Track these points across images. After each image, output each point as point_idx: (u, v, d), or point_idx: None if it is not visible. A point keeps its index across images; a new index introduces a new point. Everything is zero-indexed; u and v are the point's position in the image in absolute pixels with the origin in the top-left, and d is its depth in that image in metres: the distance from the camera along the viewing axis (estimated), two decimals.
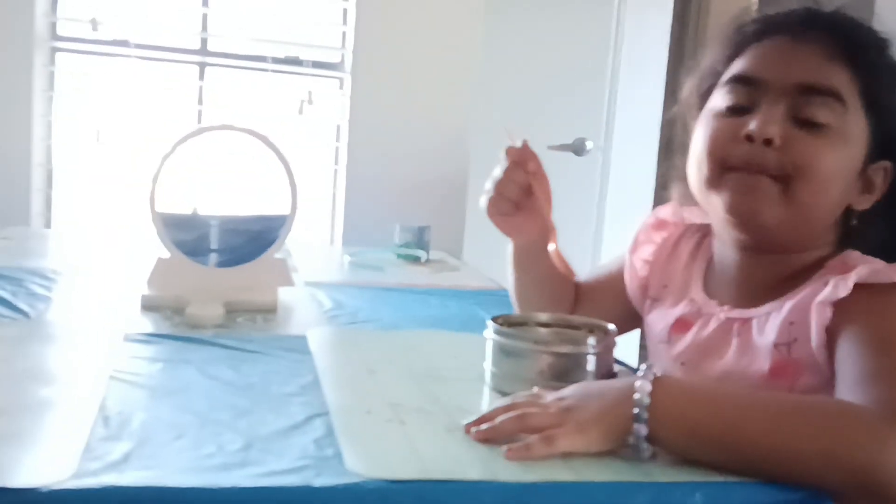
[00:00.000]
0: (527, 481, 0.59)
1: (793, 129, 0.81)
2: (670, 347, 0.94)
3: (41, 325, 1.05)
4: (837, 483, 0.61)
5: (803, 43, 0.84)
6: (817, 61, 0.82)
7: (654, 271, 1.02)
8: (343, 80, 2.73)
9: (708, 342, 0.89)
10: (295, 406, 0.75)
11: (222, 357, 0.91)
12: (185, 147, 1.22)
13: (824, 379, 0.78)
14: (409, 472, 0.60)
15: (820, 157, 0.80)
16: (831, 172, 0.81)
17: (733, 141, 0.83)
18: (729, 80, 0.87)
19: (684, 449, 0.65)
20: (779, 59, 0.84)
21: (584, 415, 0.67)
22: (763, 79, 0.84)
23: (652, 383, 0.66)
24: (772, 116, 0.81)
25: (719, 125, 0.85)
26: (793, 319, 0.81)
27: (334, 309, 1.26)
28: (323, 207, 2.79)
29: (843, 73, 0.82)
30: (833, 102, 0.81)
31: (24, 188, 2.50)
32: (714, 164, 0.85)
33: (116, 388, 0.77)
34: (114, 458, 0.59)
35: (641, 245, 1.04)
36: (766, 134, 0.80)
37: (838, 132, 0.81)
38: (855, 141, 0.83)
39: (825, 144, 0.81)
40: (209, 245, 1.26)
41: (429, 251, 1.95)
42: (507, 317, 0.90)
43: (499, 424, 0.68)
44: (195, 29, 2.66)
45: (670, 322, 0.95)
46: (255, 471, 0.58)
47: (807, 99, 0.81)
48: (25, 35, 2.46)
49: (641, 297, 1.03)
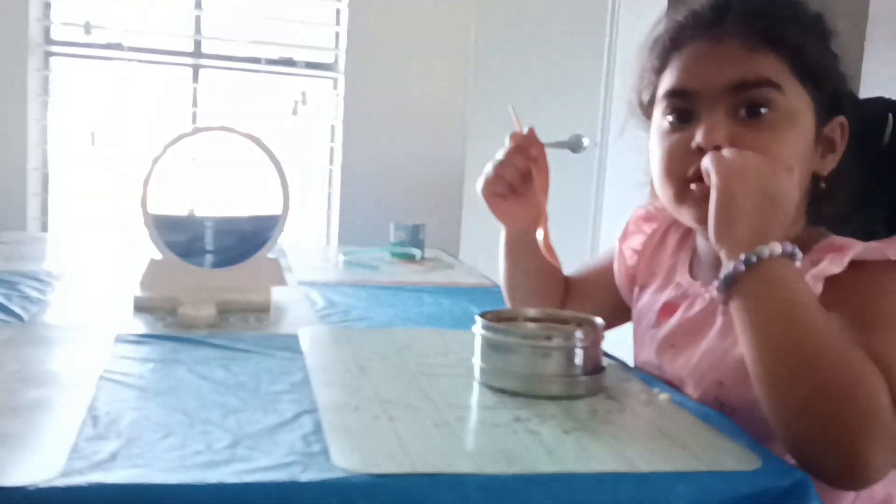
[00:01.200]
0: (512, 473, 0.60)
1: (738, 128, 0.82)
2: (658, 332, 0.96)
3: (34, 327, 1.05)
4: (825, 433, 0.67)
5: (721, 40, 0.84)
6: (739, 56, 0.83)
7: (643, 260, 1.04)
8: (337, 80, 2.73)
9: (694, 322, 0.91)
10: (284, 404, 0.75)
11: (213, 356, 0.92)
12: (177, 148, 1.22)
13: None
14: (395, 466, 0.60)
15: (770, 150, 0.81)
16: (786, 158, 0.82)
17: (687, 156, 0.84)
18: (663, 96, 0.88)
19: (756, 306, 0.72)
20: (703, 65, 0.85)
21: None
22: (694, 89, 0.85)
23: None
24: (715, 123, 0.82)
25: (669, 143, 0.87)
26: None
27: (327, 308, 1.27)
28: (318, 208, 2.79)
29: (768, 57, 0.83)
30: (768, 90, 0.82)
31: (19, 192, 2.50)
32: (675, 182, 0.86)
33: (106, 389, 0.77)
34: (101, 457, 0.59)
35: (631, 235, 1.06)
36: (714, 142, 0.82)
37: (782, 115, 0.83)
38: (801, 116, 0.84)
39: (772, 133, 0.82)
40: (202, 246, 1.26)
41: (424, 249, 1.95)
42: (495, 312, 0.91)
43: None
44: (188, 31, 2.67)
45: (658, 307, 0.97)
46: (242, 467, 0.58)
47: (741, 94, 0.83)
48: (19, 39, 2.46)
49: (629, 286, 1.05)
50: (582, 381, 0.80)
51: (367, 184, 2.66)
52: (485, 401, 0.79)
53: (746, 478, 0.62)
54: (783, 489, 0.61)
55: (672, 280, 0.98)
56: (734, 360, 0.84)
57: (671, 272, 0.99)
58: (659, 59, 0.90)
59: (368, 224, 2.50)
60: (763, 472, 0.62)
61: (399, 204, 2.59)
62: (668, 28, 0.90)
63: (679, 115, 0.87)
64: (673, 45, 0.88)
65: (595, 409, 0.76)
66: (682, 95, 0.86)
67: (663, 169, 0.88)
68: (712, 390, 0.85)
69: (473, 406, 0.78)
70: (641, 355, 0.99)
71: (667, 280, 0.99)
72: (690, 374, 0.89)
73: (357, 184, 2.67)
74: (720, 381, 0.85)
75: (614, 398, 0.80)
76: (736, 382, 0.83)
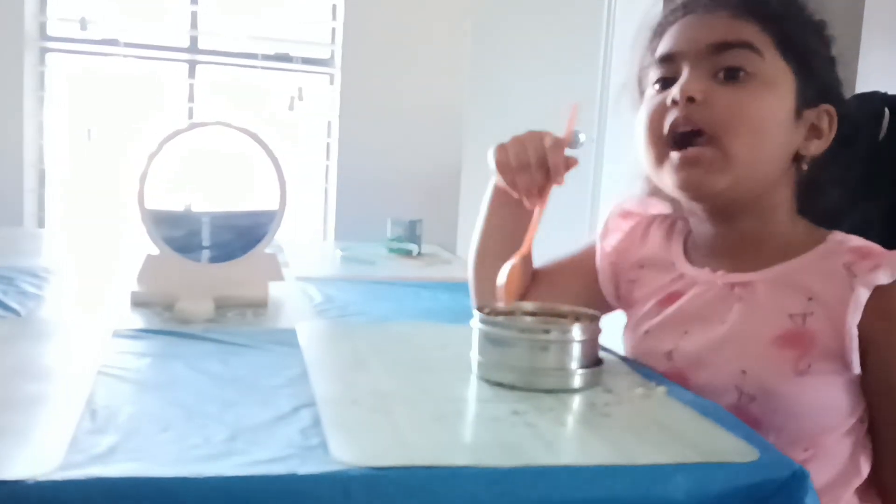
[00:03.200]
0: (510, 466, 0.60)
1: (714, 85, 0.86)
2: (658, 319, 0.96)
3: (31, 322, 1.05)
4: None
5: (711, 11, 0.89)
6: (725, 22, 0.87)
7: (626, 256, 1.04)
8: (333, 75, 2.73)
9: (708, 308, 0.91)
10: (282, 397, 0.75)
11: (211, 351, 0.92)
12: (173, 144, 1.22)
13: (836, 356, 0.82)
14: (393, 459, 0.60)
15: (744, 106, 0.85)
16: (760, 119, 0.85)
17: (664, 111, 0.88)
18: (652, 63, 0.92)
19: None
20: (690, 30, 0.90)
21: None
22: (679, 51, 0.89)
23: None
24: (691, 78, 0.86)
25: (651, 104, 0.90)
26: (813, 294, 0.84)
27: (324, 303, 1.27)
28: (315, 203, 2.79)
29: (753, 26, 0.87)
30: (747, 52, 0.86)
31: (16, 189, 2.49)
32: (655, 141, 0.89)
33: (104, 383, 0.77)
34: (99, 450, 0.59)
35: (611, 232, 1.07)
36: (688, 92, 0.85)
37: (759, 79, 0.86)
38: (779, 85, 0.87)
39: (748, 94, 0.85)
40: (199, 241, 1.26)
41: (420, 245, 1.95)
42: (493, 306, 0.91)
43: None
44: (185, 27, 2.66)
45: (657, 298, 0.97)
46: (240, 460, 0.58)
47: (722, 56, 0.86)
48: (15, 35, 2.45)
49: (613, 282, 1.04)
50: (580, 374, 0.80)
51: (364, 179, 2.66)
52: (483, 394, 0.79)
53: (744, 469, 0.62)
54: (781, 481, 0.61)
55: (669, 270, 0.98)
56: (759, 348, 0.84)
57: (665, 262, 0.99)
58: (655, 37, 0.94)
59: (365, 220, 2.50)
60: (761, 463, 0.62)
61: (396, 199, 2.59)
62: (665, 10, 0.94)
63: (664, 83, 0.90)
64: (667, 23, 0.92)
65: (593, 403, 0.76)
66: (668, 59, 0.90)
67: (645, 130, 0.91)
68: (733, 379, 0.85)
69: (471, 399, 0.78)
70: (635, 344, 0.99)
71: (661, 270, 0.99)
72: (708, 359, 0.88)
73: (354, 179, 2.67)
74: (743, 370, 0.85)
75: (612, 391, 0.80)
76: (760, 371, 0.84)
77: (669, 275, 0.98)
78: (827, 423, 0.84)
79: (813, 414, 0.83)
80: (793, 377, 0.83)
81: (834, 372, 0.83)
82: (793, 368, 0.83)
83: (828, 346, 0.82)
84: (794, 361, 0.83)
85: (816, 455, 0.84)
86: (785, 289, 0.86)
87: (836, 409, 0.84)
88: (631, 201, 1.06)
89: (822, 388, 0.83)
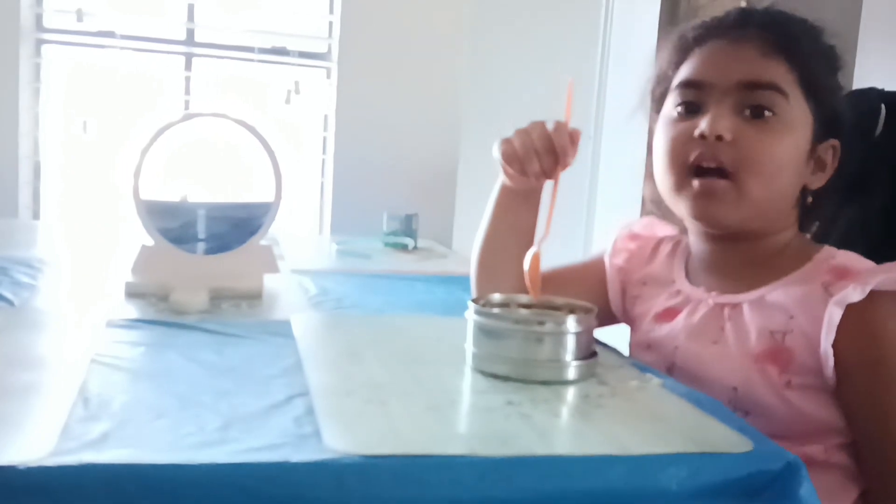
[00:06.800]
0: (504, 455, 0.60)
1: (741, 123, 0.87)
2: (652, 335, 0.98)
3: (24, 312, 1.05)
4: None
5: (740, 42, 0.89)
6: (755, 58, 0.88)
7: (632, 274, 1.07)
8: (330, 69, 2.72)
9: (700, 326, 0.93)
10: (276, 387, 0.75)
11: (205, 341, 0.92)
12: (170, 135, 1.21)
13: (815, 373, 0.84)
14: (387, 448, 0.60)
15: (767, 148, 0.86)
16: (780, 161, 0.87)
17: (689, 142, 0.89)
18: (677, 85, 0.93)
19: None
20: (719, 61, 0.90)
21: None
22: (707, 81, 0.89)
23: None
24: (720, 114, 0.87)
25: (675, 130, 0.91)
26: (793, 314, 0.86)
27: (319, 295, 1.27)
28: (311, 197, 2.79)
29: (780, 65, 0.88)
30: (774, 95, 0.87)
31: (11, 181, 2.49)
32: (676, 169, 0.91)
33: (97, 372, 0.77)
34: (92, 437, 0.59)
35: (619, 252, 1.10)
36: (717, 131, 0.86)
37: (783, 121, 0.87)
38: (799, 127, 0.88)
39: (772, 136, 0.87)
40: (194, 232, 1.25)
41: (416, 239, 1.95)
42: (488, 297, 0.91)
43: None
44: (181, 19, 2.65)
45: (654, 312, 0.99)
46: (234, 448, 0.58)
47: (750, 94, 0.87)
48: (11, 27, 2.44)
49: (620, 298, 1.07)
50: (574, 366, 0.80)
51: (360, 173, 2.65)
52: (477, 385, 0.79)
53: (739, 460, 0.62)
54: (775, 472, 0.61)
55: (669, 286, 1.00)
56: (746, 364, 0.86)
57: (666, 279, 1.01)
58: (679, 53, 0.94)
59: (361, 214, 2.50)
60: (755, 454, 0.62)
61: (392, 194, 2.59)
62: (693, 26, 0.94)
63: (688, 106, 0.91)
64: (696, 41, 0.93)
65: (587, 394, 0.76)
66: (694, 86, 0.91)
67: (666, 156, 0.92)
68: (726, 394, 0.87)
69: (466, 390, 0.78)
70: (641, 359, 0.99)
71: (661, 287, 1.01)
72: (703, 376, 0.90)
73: (350, 173, 2.66)
74: (734, 388, 0.87)
75: (606, 383, 0.80)
76: (750, 387, 0.86)
77: (668, 291, 1.00)
78: (813, 437, 0.85)
79: (802, 426, 0.85)
80: (779, 391, 0.85)
81: (814, 387, 0.84)
82: (777, 382, 0.85)
83: (805, 364, 0.84)
84: (777, 376, 0.85)
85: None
86: (768, 309, 0.88)
87: (821, 423, 0.85)
88: (638, 223, 1.08)
89: (805, 401, 0.85)
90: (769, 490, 0.61)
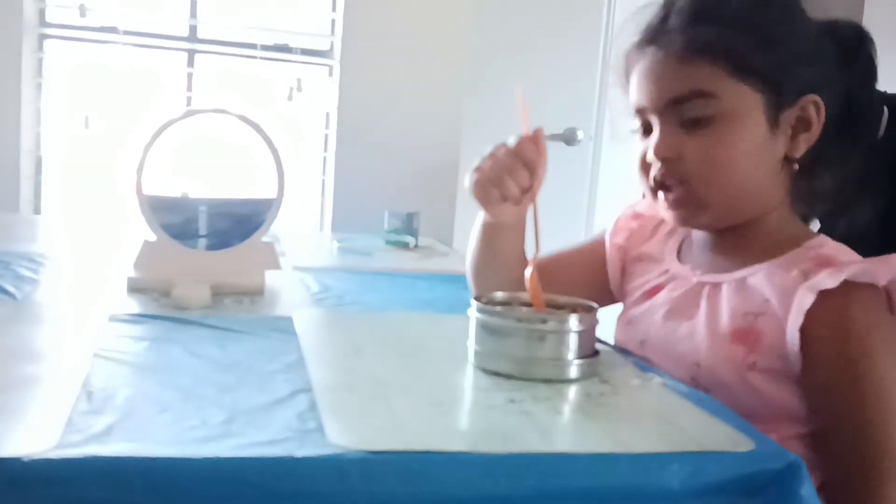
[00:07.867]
0: (506, 452, 0.60)
1: (683, 137, 0.89)
2: (639, 309, 1.00)
3: (26, 305, 1.05)
4: None
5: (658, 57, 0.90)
6: (675, 69, 0.89)
7: (631, 251, 1.08)
8: (332, 67, 2.73)
9: (677, 304, 0.95)
10: (279, 382, 0.75)
11: (208, 336, 0.92)
12: (172, 131, 1.22)
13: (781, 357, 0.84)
14: (390, 443, 0.60)
15: (713, 156, 0.88)
16: (728, 161, 0.88)
17: (646, 165, 0.93)
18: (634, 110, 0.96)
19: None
20: (649, 84, 0.91)
21: None
22: (643, 106, 0.92)
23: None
24: (663, 133, 0.90)
25: (640, 150, 0.95)
26: (769, 297, 0.86)
27: (321, 292, 1.27)
28: (313, 195, 2.79)
29: (702, 65, 0.87)
30: (701, 101, 0.88)
31: (13, 175, 2.49)
32: (647, 185, 0.95)
33: (101, 366, 0.77)
34: (96, 430, 0.59)
35: (620, 231, 1.11)
36: (661, 154, 0.91)
37: (722, 120, 0.87)
38: (745, 113, 0.87)
39: (714, 140, 0.87)
40: (196, 228, 1.26)
41: (417, 237, 1.95)
42: (490, 296, 0.91)
43: None
44: (184, 16, 2.66)
45: (644, 290, 1.01)
46: (237, 442, 0.58)
47: (679, 109, 0.89)
48: (14, 21, 2.44)
49: (619, 278, 1.08)
50: (576, 364, 0.81)
51: (362, 171, 2.65)
52: (479, 383, 0.79)
53: (740, 459, 0.62)
54: (776, 471, 0.62)
55: (660, 264, 1.02)
56: (714, 343, 0.88)
57: (658, 257, 1.03)
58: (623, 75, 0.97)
59: (362, 211, 2.50)
60: (757, 454, 0.63)
61: (393, 192, 2.59)
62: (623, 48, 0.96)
63: (644, 128, 0.94)
64: (628, 64, 0.95)
65: (589, 392, 0.77)
66: (638, 111, 0.94)
67: (638, 173, 0.96)
68: (689, 371, 0.89)
69: (468, 388, 0.79)
70: (619, 332, 1.03)
71: (654, 264, 1.03)
72: (671, 351, 0.92)
73: (351, 171, 2.66)
74: (697, 363, 0.89)
75: (608, 382, 0.80)
76: (712, 364, 0.87)
77: (658, 269, 1.02)
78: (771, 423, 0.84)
79: (760, 410, 0.84)
80: (742, 372, 0.85)
81: (779, 372, 0.85)
82: (742, 363, 0.85)
83: (773, 346, 0.84)
84: (742, 356, 0.86)
85: None
86: (746, 290, 0.89)
87: (781, 409, 0.85)
88: (642, 204, 1.09)
89: (767, 385, 0.85)
90: (770, 489, 0.61)
